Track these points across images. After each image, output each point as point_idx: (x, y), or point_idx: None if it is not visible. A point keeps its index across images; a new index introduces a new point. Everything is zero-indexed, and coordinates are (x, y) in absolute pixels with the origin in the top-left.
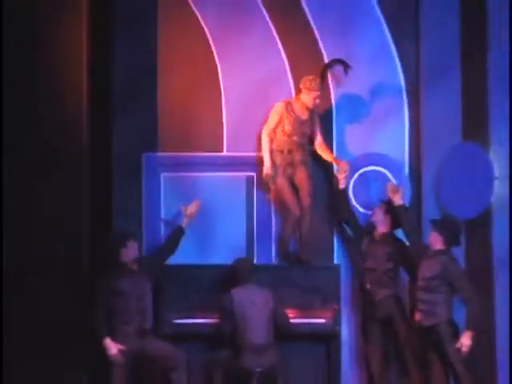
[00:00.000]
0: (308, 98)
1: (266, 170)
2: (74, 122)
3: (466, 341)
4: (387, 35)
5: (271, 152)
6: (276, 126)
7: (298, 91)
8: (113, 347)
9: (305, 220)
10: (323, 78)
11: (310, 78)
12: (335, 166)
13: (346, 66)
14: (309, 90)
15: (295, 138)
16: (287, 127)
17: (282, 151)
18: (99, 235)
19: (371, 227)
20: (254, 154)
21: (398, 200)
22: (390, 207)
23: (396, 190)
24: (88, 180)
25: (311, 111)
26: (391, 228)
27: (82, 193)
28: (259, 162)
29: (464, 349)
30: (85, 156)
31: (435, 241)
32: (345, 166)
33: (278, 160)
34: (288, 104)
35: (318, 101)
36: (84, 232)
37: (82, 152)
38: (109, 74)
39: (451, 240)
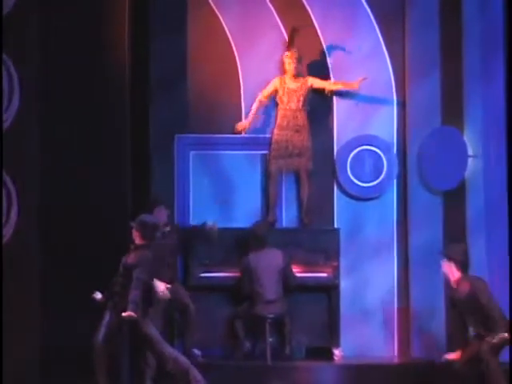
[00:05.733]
0: (287, 65)
1: (241, 125)
2: (117, 107)
3: None
4: (380, 38)
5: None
6: (269, 94)
7: (284, 68)
8: (160, 285)
9: (304, 186)
10: (291, 42)
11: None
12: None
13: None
14: (284, 58)
15: (292, 105)
16: (284, 98)
17: (282, 125)
18: (139, 202)
19: None
20: (267, 135)
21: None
22: None
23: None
24: (129, 157)
25: (301, 79)
26: None
27: (124, 167)
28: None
29: None
30: (126, 137)
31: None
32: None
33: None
34: (281, 78)
35: (293, 64)
36: (127, 200)
37: (124, 133)
38: (147, 68)
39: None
